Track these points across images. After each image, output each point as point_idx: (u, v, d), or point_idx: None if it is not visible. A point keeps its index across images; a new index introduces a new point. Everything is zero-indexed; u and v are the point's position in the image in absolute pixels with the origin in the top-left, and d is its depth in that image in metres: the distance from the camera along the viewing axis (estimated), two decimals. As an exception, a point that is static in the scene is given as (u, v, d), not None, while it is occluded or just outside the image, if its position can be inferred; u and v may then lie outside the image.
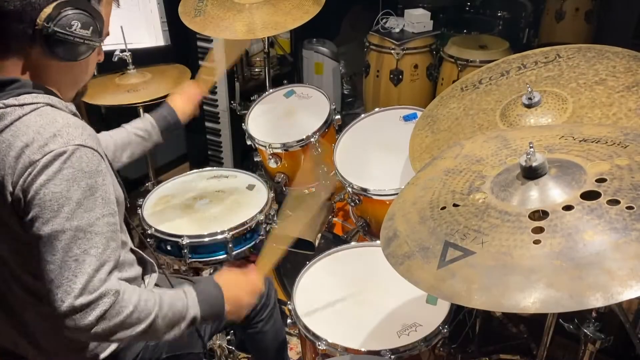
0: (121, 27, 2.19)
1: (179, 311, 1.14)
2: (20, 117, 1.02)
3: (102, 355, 1.24)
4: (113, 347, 1.26)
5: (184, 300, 1.16)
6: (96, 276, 1.00)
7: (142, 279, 1.35)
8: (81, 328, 0.99)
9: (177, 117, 1.59)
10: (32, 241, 1.00)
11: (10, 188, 1.00)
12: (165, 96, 1.73)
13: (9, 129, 1.01)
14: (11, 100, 1.02)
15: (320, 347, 1.42)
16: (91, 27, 1.07)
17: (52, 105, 1.06)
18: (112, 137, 1.51)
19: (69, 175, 0.99)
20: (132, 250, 1.33)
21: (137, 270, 1.33)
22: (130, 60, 2.29)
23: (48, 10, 1.01)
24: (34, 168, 0.98)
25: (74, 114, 1.11)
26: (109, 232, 1.04)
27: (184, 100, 1.63)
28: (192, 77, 2.40)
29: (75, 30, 1.04)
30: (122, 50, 2.25)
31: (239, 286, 1.30)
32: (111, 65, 2.26)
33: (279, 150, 2.13)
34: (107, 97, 2.18)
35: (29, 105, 1.03)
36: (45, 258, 0.98)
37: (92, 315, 0.99)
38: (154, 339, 1.14)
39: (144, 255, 1.36)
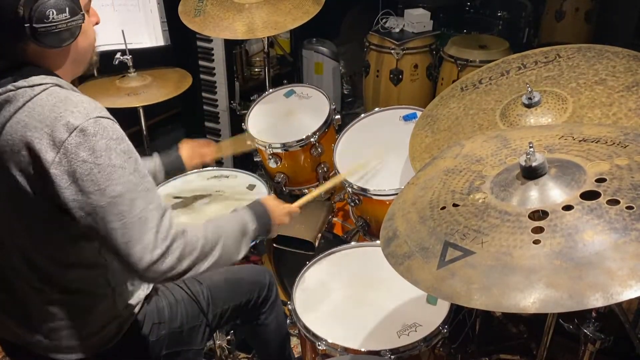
0: (122, 31, 2.19)
1: (241, 228, 1.27)
2: (32, 98, 1.04)
3: (104, 348, 1.25)
4: (116, 338, 1.27)
5: (242, 217, 1.29)
6: (162, 226, 1.07)
7: None
8: (164, 273, 1.07)
9: (182, 165, 1.75)
10: (88, 215, 1.03)
11: (45, 168, 1.02)
12: (165, 101, 1.80)
13: (23, 109, 1.04)
14: (21, 82, 1.05)
15: (320, 347, 1.42)
16: (67, 8, 1.06)
17: (60, 86, 1.08)
18: None
19: (104, 145, 1.03)
20: None
21: None
22: (131, 63, 2.29)
23: (20, 10, 1.01)
24: (67, 148, 1.01)
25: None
26: (154, 186, 1.10)
27: (193, 153, 1.78)
28: (193, 79, 2.41)
29: (53, 18, 1.04)
30: (123, 54, 2.25)
31: (281, 208, 1.45)
32: (112, 68, 2.26)
33: (278, 150, 2.13)
34: (107, 99, 2.18)
35: (38, 86, 1.05)
36: (111, 225, 1.03)
37: (170, 261, 1.07)
38: (228, 259, 1.22)
39: None
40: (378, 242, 1.47)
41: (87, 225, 1.05)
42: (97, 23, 1.20)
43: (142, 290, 1.33)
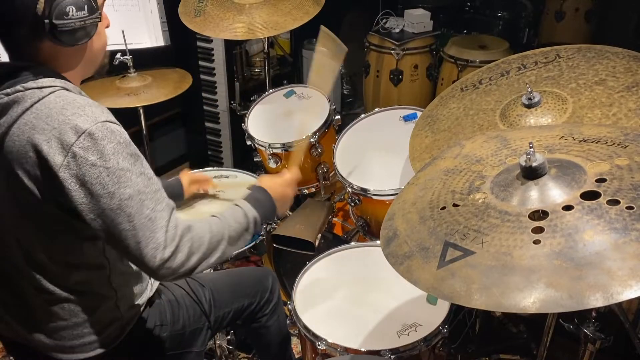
0: (122, 31, 2.19)
1: (243, 219, 1.28)
2: (40, 99, 1.05)
3: (106, 348, 1.26)
4: (118, 340, 1.27)
5: (241, 210, 1.30)
6: (170, 224, 1.09)
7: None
8: (176, 270, 1.10)
9: (182, 192, 1.82)
10: (98, 217, 1.05)
11: (54, 171, 1.02)
12: (165, 101, 1.92)
13: (30, 110, 1.04)
14: (30, 84, 1.05)
15: (320, 347, 1.42)
16: (86, 6, 1.08)
17: (67, 90, 1.09)
18: None
19: (112, 149, 1.04)
20: None
21: None
22: (132, 64, 2.29)
23: (40, 5, 1.02)
24: (75, 151, 1.01)
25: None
26: (160, 187, 1.12)
27: (192, 182, 1.87)
28: (193, 79, 2.41)
29: (72, 15, 1.05)
30: (123, 54, 2.25)
31: (280, 184, 1.47)
32: (112, 68, 2.26)
33: (278, 151, 2.13)
34: (107, 100, 2.18)
35: (47, 88, 1.06)
36: (121, 227, 1.05)
37: (180, 257, 1.10)
38: (234, 250, 1.25)
39: None
40: (378, 242, 1.48)
41: (98, 228, 1.06)
42: (107, 26, 1.21)
43: (145, 292, 1.33)
